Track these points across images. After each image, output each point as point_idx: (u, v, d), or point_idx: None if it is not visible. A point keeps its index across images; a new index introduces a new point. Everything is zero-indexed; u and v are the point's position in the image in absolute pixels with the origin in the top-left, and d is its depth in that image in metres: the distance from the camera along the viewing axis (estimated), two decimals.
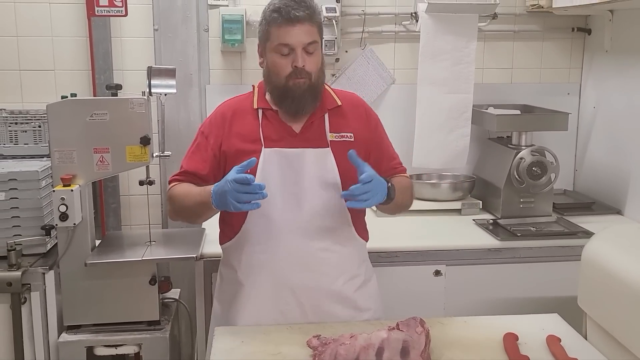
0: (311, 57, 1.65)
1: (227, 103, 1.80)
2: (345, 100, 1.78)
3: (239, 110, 1.74)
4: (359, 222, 1.78)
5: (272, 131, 1.69)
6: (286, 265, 1.68)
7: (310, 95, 1.67)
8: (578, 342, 1.56)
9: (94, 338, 2.15)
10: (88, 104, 2.06)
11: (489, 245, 2.29)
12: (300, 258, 1.68)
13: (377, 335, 1.46)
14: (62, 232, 2.08)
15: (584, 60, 2.93)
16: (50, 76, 2.66)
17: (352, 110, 1.78)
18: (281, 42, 1.62)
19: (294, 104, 1.66)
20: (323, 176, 1.68)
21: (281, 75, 1.65)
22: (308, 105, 1.68)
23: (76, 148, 2.05)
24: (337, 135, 1.71)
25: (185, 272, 2.57)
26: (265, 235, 1.68)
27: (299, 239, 1.67)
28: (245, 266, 1.72)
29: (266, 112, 1.72)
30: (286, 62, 1.64)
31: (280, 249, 1.67)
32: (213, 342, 1.56)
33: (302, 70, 1.63)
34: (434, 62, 2.61)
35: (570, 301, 1.78)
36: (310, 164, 1.68)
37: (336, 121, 1.73)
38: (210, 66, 2.75)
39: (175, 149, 2.61)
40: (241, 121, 1.72)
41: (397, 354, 1.40)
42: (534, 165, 2.46)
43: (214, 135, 1.73)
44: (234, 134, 1.71)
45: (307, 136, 1.70)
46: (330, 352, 1.40)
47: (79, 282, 2.11)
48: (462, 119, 2.62)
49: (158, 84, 2.11)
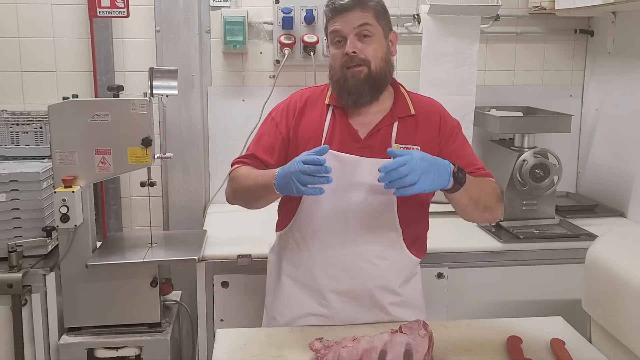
0: (366, 42, 1.57)
1: (301, 92, 1.75)
2: (420, 108, 1.68)
3: (311, 102, 1.70)
4: (412, 235, 1.68)
5: (337, 132, 1.63)
6: (324, 267, 1.65)
7: (369, 86, 1.58)
8: (582, 345, 1.55)
9: (94, 340, 2.14)
10: (89, 105, 2.06)
11: (492, 248, 2.28)
12: (341, 264, 1.63)
13: (380, 338, 1.45)
14: (63, 233, 2.07)
15: (586, 62, 2.92)
16: (52, 77, 2.66)
17: (425, 119, 1.67)
18: (332, 29, 1.59)
19: (351, 96, 1.60)
20: (378, 187, 1.54)
21: (337, 66, 1.60)
22: (366, 96, 1.60)
23: (77, 149, 2.04)
24: (402, 146, 1.61)
25: (187, 274, 2.57)
26: (310, 235, 1.65)
27: (341, 244, 1.62)
28: (287, 259, 1.71)
29: (336, 111, 1.66)
30: (340, 51, 1.59)
31: (321, 252, 1.64)
32: (215, 344, 1.55)
33: (355, 57, 1.56)
34: (436, 64, 2.60)
35: (574, 304, 1.77)
36: (365, 172, 1.59)
37: (405, 131, 1.63)
38: (212, 67, 2.74)
39: (177, 150, 2.62)
40: (310, 114, 1.67)
41: (400, 357, 1.39)
42: (537, 168, 2.45)
43: (285, 123, 1.69)
44: (302, 126, 1.67)
45: (370, 143, 1.62)
46: (333, 355, 1.39)
47: (79, 284, 2.10)
48: (464, 121, 2.60)
49: (160, 85, 2.10)
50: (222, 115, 2.75)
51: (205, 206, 2.76)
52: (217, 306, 2.22)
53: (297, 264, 1.68)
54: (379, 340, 1.44)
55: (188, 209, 2.71)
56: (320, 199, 1.59)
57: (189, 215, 2.72)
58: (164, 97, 2.16)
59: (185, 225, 2.71)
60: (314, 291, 1.66)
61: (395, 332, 1.47)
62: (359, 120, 1.65)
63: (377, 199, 1.61)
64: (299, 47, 2.66)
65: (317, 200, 1.61)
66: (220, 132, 2.75)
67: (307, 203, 1.64)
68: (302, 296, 1.68)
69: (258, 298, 1.96)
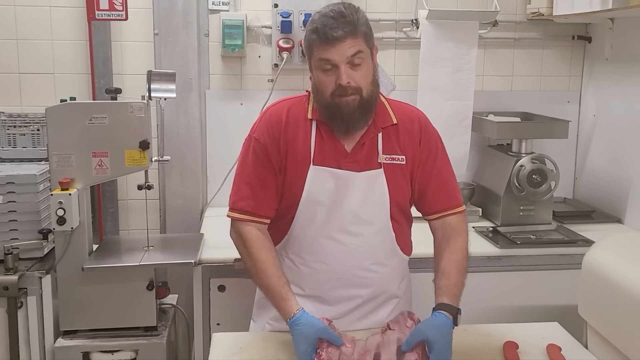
0: (358, 70, 1.52)
1: (279, 107, 1.67)
2: (402, 116, 1.66)
3: (293, 117, 1.64)
4: (404, 238, 1.71)
5: (324, 147, 1.60)
6: (324, 281, 1.64)
7: (362, 112, 1.55)
8: (578, 351, 1.55)
9: (90, 343, 2.13)
10: (87, 107, 2.06)
11: (489, 253, 2.28)
12: (341, 277, 1.63)
13: (373, 341, 1.45)
14: (60, 236, 2.06)
15: (584, 68, 2.93)
16: (50, 79, 2.65)
17: (407, 127, 1.65)
18: (322, 57, 1.51)
19: (344, 122, 1.56)
20: (371, 197, 1.60)
21: (326, 93, 1.54)
22: (359, 122, 1.57)
23: (75, 152, 2.04)
24: (389, 157, 1.61)
25: (184, 278, 2.55)
26: (305, 250, 1.64)
27: (339, 257, 1.62)
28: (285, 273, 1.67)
29: (320, 126, 1.61)
30: (330, 79, 1.52)
31: (319, 266, 1.63)
32: (210, 348, 1.54)
33: (349, 87, 1.51)
34: (434, 69, 2.60)
35: (570, 310, 1.77)
36: (359, 186, 1.60)
37: (389, 141, 1.63)
38: (210, 71, 2.74)
39: (174, 153, 2.62)
40: (294, 130, 1.62)
41: (393, 356, 1.40)
42: (534, 173, 2.45)
43: (272, 142, 1.62)
44: (289, 142, 1.61)
45: (357, 157, 1.61)
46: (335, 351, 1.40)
47: (75, 287, 2.10)
48: (462, 126, 2.61)
49: (158, 88, 2.10)
50: (220, 118, 2.75)
51: (202, 210, 2.75)
52: (213, 310, 2.21)
53: (297, 282, 1.65)
54: (372, 343, 1.44)
55: (185, 212, 2.71)
56: (316, 214, 1.59)
57: (186, 218, 2.71)
58: (162, 100, 2.16)
59: (182, 228, 2.71)
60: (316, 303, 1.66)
61: (385, 331, 1.47)
62: (342, 134, 1.61)
63: (372, 209, 1.62)
64: (297, 51, 2.66)
65: (312, 216, 1.61)
66: (219, 135, 2.75)
67: (302, 218, 1.63)
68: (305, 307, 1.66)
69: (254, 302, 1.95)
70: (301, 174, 1.60)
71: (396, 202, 1.62)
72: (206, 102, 2.74)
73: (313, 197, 1.60)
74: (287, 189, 1.62)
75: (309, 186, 1.59)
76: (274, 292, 1.54)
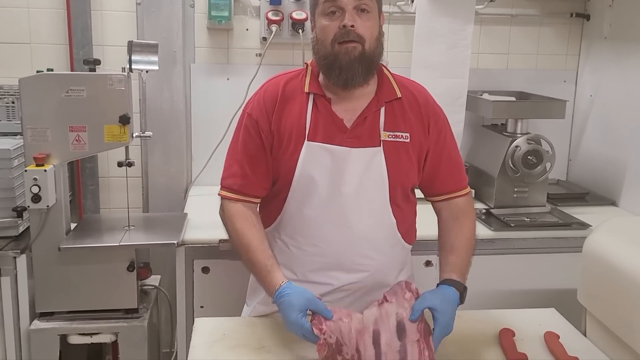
0: (364, 18, 1.44)
1: (275, 81, 1.58)
2: (407, 91, 1.57)
3: (289, 91, 1.55)
4: (406, 224, 1.61)
5: (321, 123, 1.51)
6: (317, 265, 1.55)
7: (362, 65, 1.46)
8: (577, 339, 1.49)
9: (67, 326, 2.05)
10: (63, 79, 1.94)
11: (482, 236, 2.20)
12: (335, 261, 1.54)
13: (370, 315, 1.35)
14: (35, 214, 1.96)
15: (581, 46, 2.85)
16: (26, 50, 2.52)
17: (412, 104, 1.56)
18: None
19: (342, 73, 1.46)
20: (369, 178, 1.50)
21: (327, 40, 1.45)
22: (359, 76, 1.46)
23: (50, 126, 1.94)
24: (391, 134, 1.51)
25: (167, 259, 2.47)
26: (299, 232, 1.54)
27: (334, 241, 1.53)
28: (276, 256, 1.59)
29: (317, 100, 1.52)
30: (333, 23, 1.44)
31: (314, 249, 1.54)
32: (192, 334, 1.46)
33: (352, 32, 1.42)
34: (429, 45, 2.51)
35: (565, 294, 1.72)
36: (356, 164, 1.50)
37: (393, 117, 1.52)
38: (195, 44, 2.62)
39: (158, 129, 2.52)
40: (290, 105, 1.53)
41: (393, 334, 1.32)
42: (530, 154, 2.38)
43: (266, 119, 1.53)
44: (283, 118, 1.52)
45: (357, 132, 1.50)
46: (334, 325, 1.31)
47: (52, 267, 2.01)
48: (456, 105, 2.53)
49: (139, 59, 1.99)
50: (205, 93, 2.65)
51: (186, 188, 2.66)
52: (197, 292, 2.13)
53: (289, 265, 1.57)
54: (369, 318, 1.35)
55: (169, 190, 2.61)
56: (310, 193, 1.50)
57: (169, 197, 2.62)
58: (144, 72, 2.05)
59: (165, 207, 2.61)
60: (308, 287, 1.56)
61: (382, 303, 1.39)
62: (342, 107, 1.53)
63: (370, 190, 1.52)
64: (287, 24, 2.55)
65: (306, 195, 1.51)
66: (204, 111, 2.65)
67: (296, 198, 1.53)
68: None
69: (240, 284, 1.86)
70: (295, 150, 1.50)
71: (397, 184, 1.52)
72: (191, 77, 2.63)
73: (307, 175, 1.50)
74: (282, 167, 1.52)
75: (302, 163, 1.49)
76: (259, 266, 1.45)
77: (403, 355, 1.28)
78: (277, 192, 1.56)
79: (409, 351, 1.29)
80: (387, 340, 1.31)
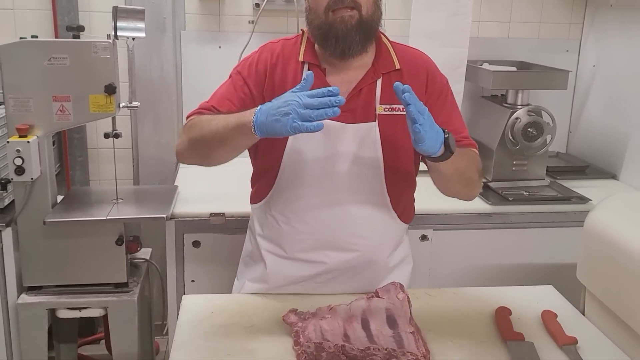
0: None
1: (271, 47, 1.51)
2: (406, 61, 1.49)
3: (283, 59, 1.47)
4: (401, 202, 1.53)
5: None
6: (308, 244, 1.49)
7: (360, 33, 1.38)
8: (575, 318, 1.45)
9: (56, 300, 2.01)
10: (45, 46, 1.86)
11: (479, 210, 2.16)
12: (325, 240, 1.48)
13: (357, 306, 1.34)
14: (19, 187, 1.91)
15: (585, 14, 2.76)
16: (9, 15, 2.43)
17: (412, 74, 1.47)
18: None
19: (338, 44, 1.38)
20: (363, 154, 1.43)
21: (320, 8, 1.37)
22: (357, 44, 1.39)
23: (33, 95, 1.86)
24: (388, 107, 1.44)
25: (158, 232, 2.43)
26: (289, 209, 1.48)
27: (325, 219, 1.46)
28: (266, 237, 1.55)
29: (312, 69, 1.43)
30: None
31: (304, 226, 1.47)
32: (179, 312, 1.42)
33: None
34: (428, 13, 2.41)
35: (563, 268, 1.68)
36: (349, 140, 1.43)
37: (390, 89, 1.40)
38: (185, 10, 2.53)
39: (147, 99, 2.44)
40: (282, 73, 1.46)
41: (384, 323, 1.28)
42: (530, 126, 2.31)
43: (254, 80, 1.46)
44: (275, 86, 1.45)
45: (352, 106, 1.43)
46: (314, 329, 1.27)
47: (38, 241, 1.96)
48: (455, 75, 2.45)
49: (125, 26, 1.90)
50: (196, 62, 2.56)
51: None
52: (187, 267, 2.09)
53: (278, 241, 1.52)
54: (357, 308, 1.33)
55: (159, 162, 2.55)
56: (302, 169, 1.44)
57: (160, 169, 2.55)
58: (130, 40, 1.97)
59: (156, 179, 2.55)
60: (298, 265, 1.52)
61: (371, 297, 1.36)
62: (338, 79, 1.44)
63: (364, 168, 1.45)
64: None
65: (297, 171, 1.44)
66: (195, 80, 2.57)
67: (287, 174, 1.46)
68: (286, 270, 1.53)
69: (231, 259, 1.82)
70: None
71: (392, 160, 1.45)
72: (181, 45, 2.54)
73: (298, 149, 1.43)
74: (273, 140, 1.46)
75: (293, 137, 1.42)
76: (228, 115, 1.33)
77: (399, 341, 1.23)
78: (268, 166, 1.50)
79: (404, 338, 1.24)
80: (378, 327, 1.27)
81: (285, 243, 1.52)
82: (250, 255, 1.63)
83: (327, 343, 1.22)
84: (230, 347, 1.27)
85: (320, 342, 1.22)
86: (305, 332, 1.26)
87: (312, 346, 1.22)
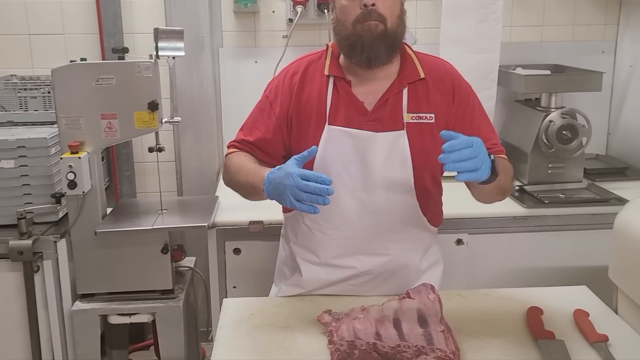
0: None
1: (297, 64, 1.58)
2: (430, 70, 1.53)
3: (310, 74, 1.54)
4: (430, 207, 1.57)
5: (341, 106, 1.49)
6: (341, 250, 1.55)
7: (385, 44, 1.43)
8: (608, 317, 1.45)
9: (107, 307, 2.12)
10: (93, 68, 1.99)
11: (515, 213, 2.17)
12: (357, 245, 1.54)
13: (389, 307, 1.38)
14: (72, 200, 2.03)
15: (620, 15, 2.74)
16: (60, 40, 2.59)
17: (437, 83, 1.52)
18: None
19: (364, 52, 1.43)
20: (392, 162, 1.47)
21: (348, 21, 1.43)
22: (382, 54, 1.44)
23: (83, 114, 1.99)
24: (415, 115, 1.48)
25: (201, 241, 2.53)
26: (322, 216, 1.51)
27: (357, 225, 1.52)
28: (301, 245, 1.61)
29: (338, 82, 1.51)
30: (354, 3, 1.42)
31: (334, 233, 1.54)
32: (220, 314, 1.50)
33: (373, 12, 1.40)
34: (457, 20, 2.45)
35: (600, 271, 1.67)
36: (379, 149, 1.47)
37: (416, 98, 1.49)
38: (222, 28, 2.64)
39: (188, 114, 2.56)
40: (309, 87, 1.52)
41: (415, 323, 1.32)
42: (564, 129, 2.31)
43: (279, 102, 1.54)
44: (302, 101, 1.52)
45: (379, 115, 1.48)
46: (347, 329, 1.33)
47: (90, 251, 2.08)
48: (487, 80, 2.47)
49: (165, 46, 2.01)
50: (234, 77, 2.67)
51: (218, 171, 2.70)
52: (229, 273, 2.18)
53: (312, 248, 1.58)
54: (389, 309, 1.37)
55: (201, 174, 2.66)
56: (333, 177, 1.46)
57: (202, 180, 2.67)
58: (171, 58, 2.08)
59: (198, 190, 2.66)
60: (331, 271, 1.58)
61: (403, 298, 1.40)
62: (364, 90, 1.50)
63: (394, 174, 1.50)
64: (312, 5, 2.54)
65: None
66: (233, 94, 2.67)
67: None
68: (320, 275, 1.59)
69: (270, 264, 1.89)
70: (316, 134, 1.50)
71: (421, 167, 1.49)
72: (219, 61, 2.66)
73: (329, 158, 1.49)
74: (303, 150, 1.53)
75: (324, 147, 1.48)
76: (250, 170, 1.47)
77: (429, 339, 1.27)
78: None
79: (434, 336, 1.28)
80: (409, 326, 1.31)
81: (318, 250, 1.58)
82: (285, 262, 1.70)
83: (360, 341, 1.27)
84: (268, 345, 1.34)
85: (353, 340, 1.27)
86: (339, 332, 1.32)
87: (345, 344, 1.27)
